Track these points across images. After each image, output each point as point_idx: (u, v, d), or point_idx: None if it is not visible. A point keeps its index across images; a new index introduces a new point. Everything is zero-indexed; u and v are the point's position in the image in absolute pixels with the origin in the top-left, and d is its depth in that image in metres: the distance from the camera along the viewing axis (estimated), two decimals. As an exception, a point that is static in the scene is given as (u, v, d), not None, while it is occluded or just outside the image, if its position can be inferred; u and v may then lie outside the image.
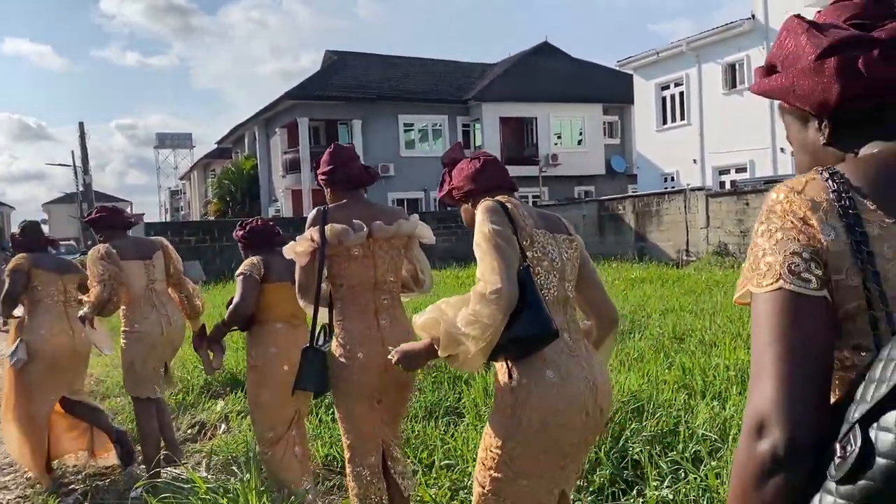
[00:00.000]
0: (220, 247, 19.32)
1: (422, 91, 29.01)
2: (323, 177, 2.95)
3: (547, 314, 1.95)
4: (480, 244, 2.04)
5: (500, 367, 2.10)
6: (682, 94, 22.98)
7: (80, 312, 4.27)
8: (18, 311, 4.51)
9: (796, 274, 0.97)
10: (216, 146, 40.80)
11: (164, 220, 45.72)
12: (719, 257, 14.91)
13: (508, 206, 2.11)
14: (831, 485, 0.88)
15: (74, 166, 41.17)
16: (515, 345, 1.99)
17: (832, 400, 0.97)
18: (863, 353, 0.99)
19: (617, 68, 26.56)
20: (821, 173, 1.01)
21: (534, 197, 28.86)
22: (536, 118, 30.00)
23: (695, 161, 22.26)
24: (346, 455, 2.82)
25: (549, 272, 2.09)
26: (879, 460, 0.82)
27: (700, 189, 17.18)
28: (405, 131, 28.48)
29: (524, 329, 1.95)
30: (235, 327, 3.63)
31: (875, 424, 0.84)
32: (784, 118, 1.18)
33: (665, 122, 23.88)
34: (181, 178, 58.64)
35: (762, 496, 0.93)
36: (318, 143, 29.20)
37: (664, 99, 23.88)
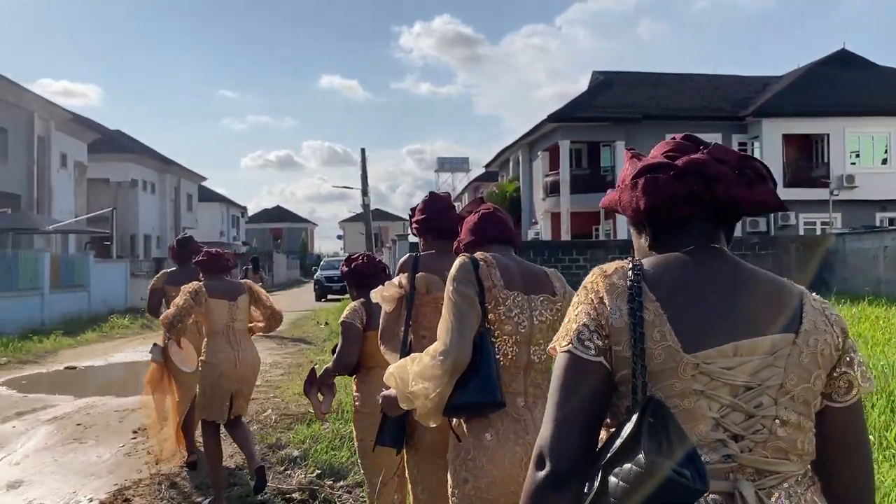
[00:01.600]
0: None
1: (692, 108, 27.09)
2: (416, 225, 2.96)
3: (494, 382, 2.03)
4: (445, 302, 2.14)
5: (455, 423, 2.21)
6: None
7: (162, 336, 5.12)
8: None
9: (581, 341, 1.21)
10: (484, 169, 42.16)
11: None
12: None
13: (481, 263, 2.18)
14: None
15: (363, 188, 45.13)
16: (459, 409, 2.09)
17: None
18: (623, 416, 1.18)
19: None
20: (629, 262, 1.27)
21: (822, 224, 25.44)
22: (828, 135, 26.44)
23: None
24: None
25: (510, 336, 2.14)
26: (609, 499, 1.07)
27: None
28: (672, 152, 26.77)
29: (467, 395, 2.04)
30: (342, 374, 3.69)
31: (612, 470, 1.09)
32: (630, 229, 1.44)
33: None
34: (454, 200, 61.81)
35: None
36: (579, 165, 28.65)
37: None
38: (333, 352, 3.64)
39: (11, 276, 16.16)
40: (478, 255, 2.22)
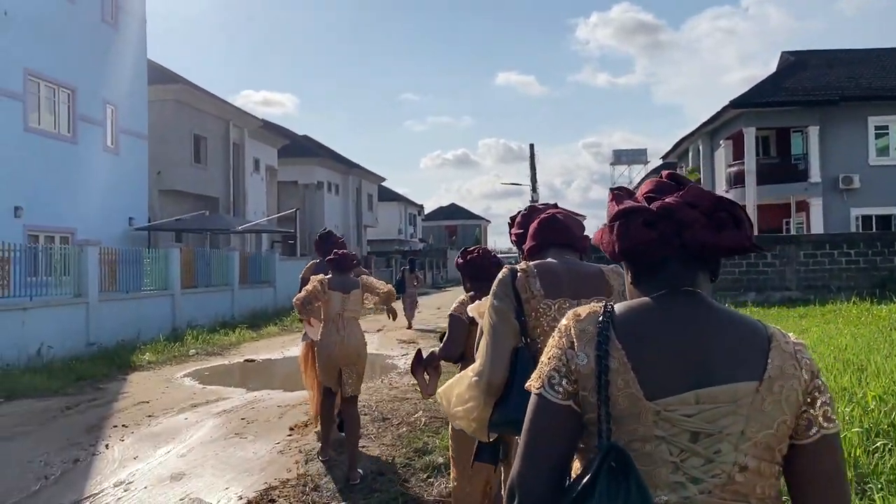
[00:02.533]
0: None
1: (902, 86, 24.04)
2: (514, 238, 2.89)
3: None
4: (484, 319, 2.17)
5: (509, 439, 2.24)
6: None
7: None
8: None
9: (552, 385, 1.26)
10: (662, 161, 40.36)
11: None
12: None
13: (519, 274, 2.16)
14: None
15: (531, 184, 44.88)
16: (499, 426, 2.06)
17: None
18: (591, 455, 1.22)
19: None
20: (603, 307, 1.29)
21: None
22: None
23: None
24: None
25: None
26: None
27: None
28: (877, 136, 23.88)
29: (506, 412, 2.01)
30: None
31: None
32: None
33: None
34: (631, 194, 59.85)
35: None
36: (766, 153, 26.49)
37: None
38: (441, 339, 3.83)
39: (207, 273, 17.63)
40: (520, 265, 2.22)
